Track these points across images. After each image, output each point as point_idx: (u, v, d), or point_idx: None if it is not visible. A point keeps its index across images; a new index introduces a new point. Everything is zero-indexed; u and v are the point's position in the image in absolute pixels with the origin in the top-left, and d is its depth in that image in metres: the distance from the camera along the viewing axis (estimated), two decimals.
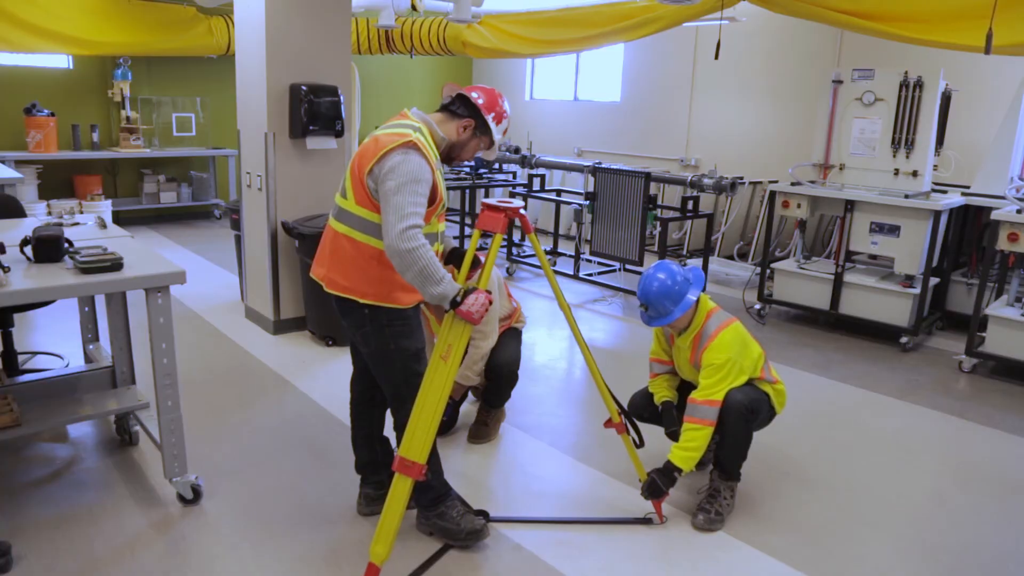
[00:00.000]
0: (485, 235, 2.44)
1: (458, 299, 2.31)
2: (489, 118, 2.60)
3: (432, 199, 2.44)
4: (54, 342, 4.63)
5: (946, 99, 5.34)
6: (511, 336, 3.56)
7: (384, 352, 2.57)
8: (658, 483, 2.86)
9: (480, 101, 2.59)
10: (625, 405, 3.10)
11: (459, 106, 2.61)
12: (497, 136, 2.64)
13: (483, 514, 2.90)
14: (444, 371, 2.38)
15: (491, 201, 2.41)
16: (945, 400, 4.32)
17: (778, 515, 3.04)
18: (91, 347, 3.76)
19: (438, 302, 2.33)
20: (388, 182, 2.32)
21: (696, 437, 2.83)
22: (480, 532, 2.71)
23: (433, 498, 2.68)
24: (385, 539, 2.36)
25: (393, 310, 2.52)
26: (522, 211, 2.44)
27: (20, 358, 4.04)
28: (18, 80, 7.76)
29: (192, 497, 2.93)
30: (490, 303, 2.33)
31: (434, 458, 2.58)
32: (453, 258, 2.86)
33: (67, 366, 4.19)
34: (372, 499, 2.87)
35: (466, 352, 3.40)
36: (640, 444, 2.95)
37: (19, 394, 3.05)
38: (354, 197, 2.46)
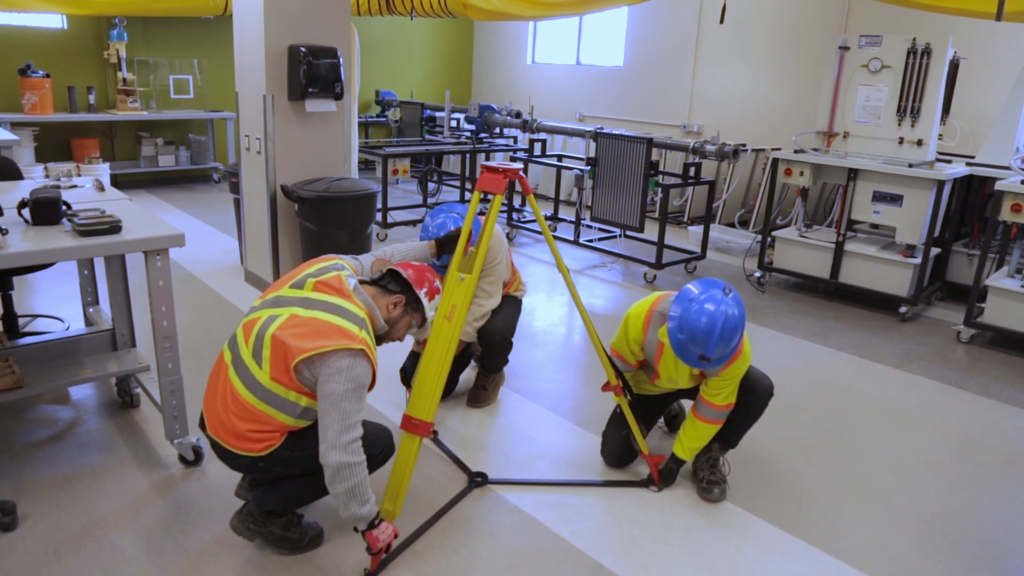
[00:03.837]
0: (485, 197, 2.46)
1: (375, 522, 2.25)
2: (421, 293, 2.46)
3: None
4: (54, 305, 4.64)
5: (954, 67, 5.27)
6: (508, 303, 3.56)
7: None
8: (664, 487, 2.94)
9: (412, 276, 2.47)
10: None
11: (390, 281, 2.47)
12: (429, 313, 2.50)
13: (482, 476, 2.94)
14: (448, 330, 2.41)
15: (491, 163, 2.42)
16: (942, 370, 4.35)
17: (774, 481, 3.07)
18: (91, 310, 3.77)
19: (354, 522, 2.24)
20: (335, 384, 2.14)
21: (706, 436, 2.88)
22: (319, 537, 2.54)
23: (282, 509, 2.47)
24: (394, 496, 2.40)
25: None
26: (521, 173, 2.45)
27: (20, 321, 4.04)
28: (11, 40, 7.65)
29: (193, 458, 2.96)
30: (395, 535, 2.29)
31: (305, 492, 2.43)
32: (446, 240, 2.89)
33: (67, 329, 4.20)
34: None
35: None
36: (635, 399, 2.97)
37: (20, 356, 3.06)
38: (270, 371, 2.21)
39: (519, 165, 2.46)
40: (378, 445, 2.44)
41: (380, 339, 2.44)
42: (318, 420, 2.19)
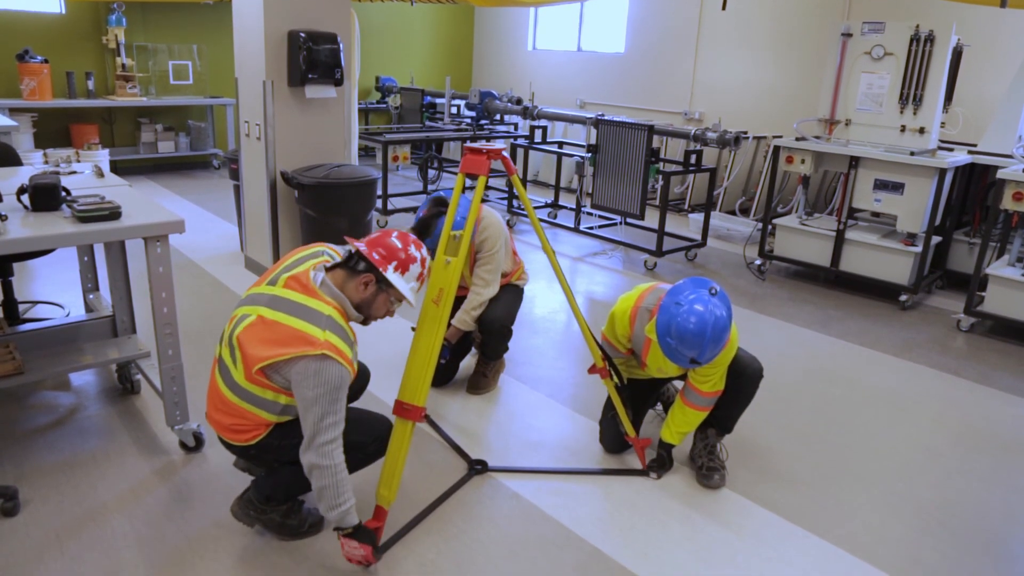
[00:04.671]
0: (470, 178, 2.47)
1: (347, 530, 2.22)
2: (389, 270, 2.29)
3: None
4: (54, 291, 4.64)
5: (957, 55, 5.24)
6: (509, 292, 3.57)
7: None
8: (662, 473, 2.95)
9: (375, 256, 2.28)
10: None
11: (357, 261, 2.31)
12: (405, 287, 2.32)
13: (482, 464, 2.95)
14: (436, 315, 2.41)
15: (474, 144, 2.43)
16: (942, 358, 4.35)
17: (773, 468, 3.08)
18: (91, 296, 3.77)
19: (330, 520, 2.22)
20: (306, 390, 2.10)
21: (694, 422, 2.89)
22: (319, 524, 2.54)
23: (284, 498, 2.48)
24: (388, 482, 2.41)
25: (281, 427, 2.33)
26: (504, 153, 2.45)
27: (20, 307, 4.04)
28: (9, 25, 7.60)
29: (194, 444, 2.97)
30: (367, 562, 2.27)
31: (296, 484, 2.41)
32: (420, 227, 2.87)
33: (68, 315, 4.20)
34: None
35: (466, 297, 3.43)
36: (623, 384, 2.98)
37: (21, 343, 3.06)
38: (244, 371, 2.20)
39: (502, 145, 2.46)
40: (372, 435, 2.44)
41: (364, 320, 2.38)
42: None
